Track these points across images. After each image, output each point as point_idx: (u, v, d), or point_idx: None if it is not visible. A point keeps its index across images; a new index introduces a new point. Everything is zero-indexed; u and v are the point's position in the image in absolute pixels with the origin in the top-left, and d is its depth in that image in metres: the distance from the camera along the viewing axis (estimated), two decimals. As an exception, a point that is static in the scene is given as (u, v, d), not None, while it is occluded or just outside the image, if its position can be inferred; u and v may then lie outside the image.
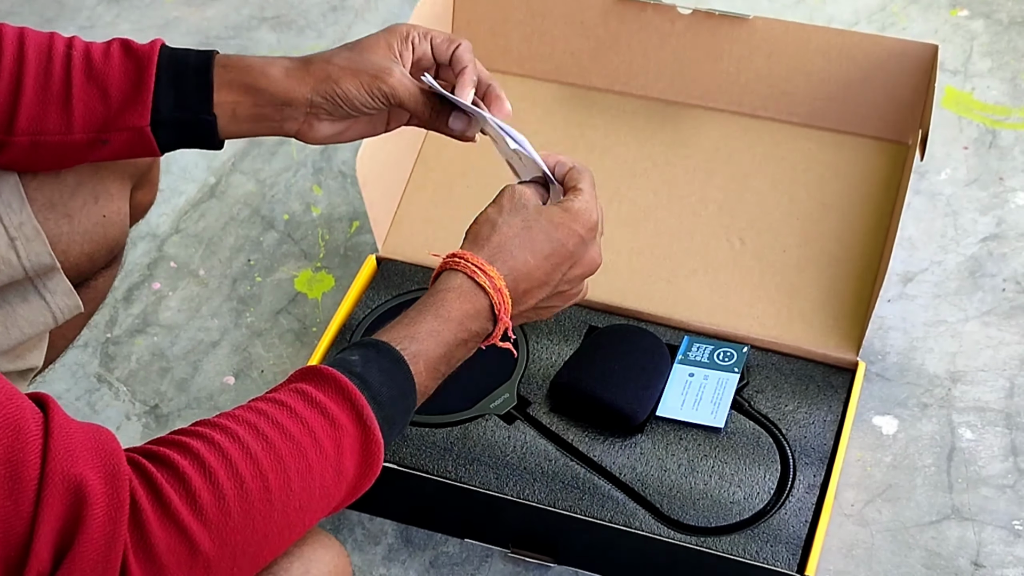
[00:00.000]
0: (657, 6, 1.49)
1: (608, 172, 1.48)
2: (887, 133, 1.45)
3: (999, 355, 1.41)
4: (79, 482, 0.70)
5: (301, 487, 0.78)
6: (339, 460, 0.80)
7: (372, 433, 0.82)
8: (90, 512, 0.70)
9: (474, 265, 0.92)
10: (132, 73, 0.99)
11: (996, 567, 1.25)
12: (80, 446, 0.72)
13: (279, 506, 0.77)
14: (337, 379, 0.82)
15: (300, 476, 0.78)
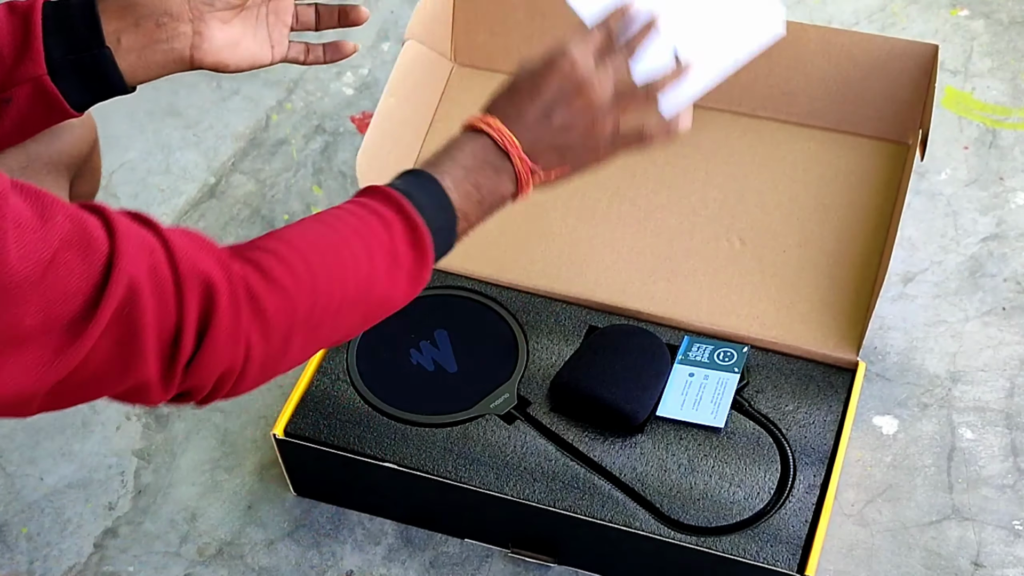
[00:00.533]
0: (657, 6, 1.48)
1: (608, 172, 1.48)
2: (887, 133, 1.45)
3: (999, 355, 1.41)
4: (206, 275, 0.83)
5: (363, 260, 0.91)
6: (392, 244, 0.92)
7: (416, 225, 0.93)
8: (218, 298, 0.83)
9: (476, 118, 1.01)
10: (19, 27, 1.00)
11: (996, 567, 1.25)
12: (193, 248, 0.84)
13: (349, 275, 0.90)
14: (385, 190, 0.94)
15: (362, 253, 0.91)
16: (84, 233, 0.78)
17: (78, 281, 0.77)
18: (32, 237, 0.75)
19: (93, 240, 0.78)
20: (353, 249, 0.91)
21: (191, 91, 1.80)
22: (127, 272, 0.79)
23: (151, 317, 0.81)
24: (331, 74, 1.81)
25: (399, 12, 1.89)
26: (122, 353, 0.80)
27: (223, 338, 0.84)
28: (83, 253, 0.77)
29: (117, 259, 0.79)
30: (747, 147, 1.47)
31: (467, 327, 1.38)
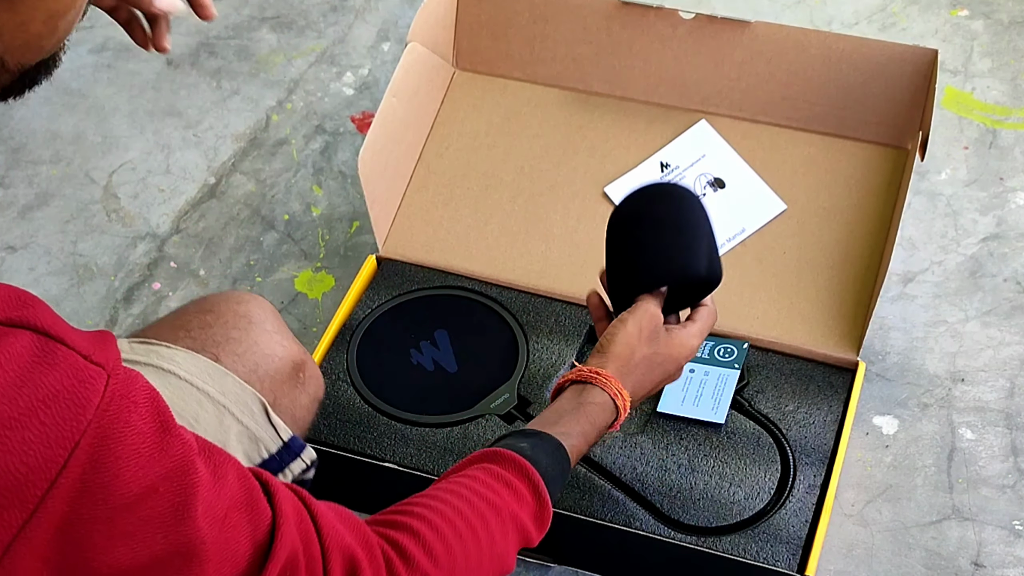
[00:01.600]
0: (659, 11, 1.49)
1: (609, 176, 1.49)
2: (887, 138, 1.45)
3: (999, 355, 1.41)
4: (350, 552, 0.83)
5: (500, 540, 0.94)
6: (521, 522, 0.96)
7: (544, 501, 0.98)
8: (361, 573, 0.84)
9: (616, 388, 1.08)
10: None
11: (996, 567, 1.25)
12: (337, 522, 0.84)
13: (486, 552, 0.92)
14: (517, 460, 0.98)
15: (499, 531, 0.94)
16: (251, 495, 0.78)
17: (246, 542, 0.77)
18: (209, 496, 0.74)
19: (258, 503, 0.79)
20: (490, 529, 0.93)
21: (191, 91, 1.80)
22: (289, 538, 0.79)
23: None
24: (331, 74, 1.81)
25: (399, 13, 1.89)
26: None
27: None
28: (249, 515, 0.78)
29: (280, 524, 0.79)
30: (747, 151, 1.47)
31: (467, 327, 1.38)
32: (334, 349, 1.37)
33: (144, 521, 0.70)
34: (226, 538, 0.75)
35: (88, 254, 1.61)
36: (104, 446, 0.67)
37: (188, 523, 0.72)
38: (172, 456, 0.72)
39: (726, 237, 1.41)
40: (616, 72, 1.53)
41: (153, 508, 0.71)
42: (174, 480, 0.72)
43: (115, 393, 0.68)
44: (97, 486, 0.67)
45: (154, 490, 0.70)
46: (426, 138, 1.53)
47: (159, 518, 0.71)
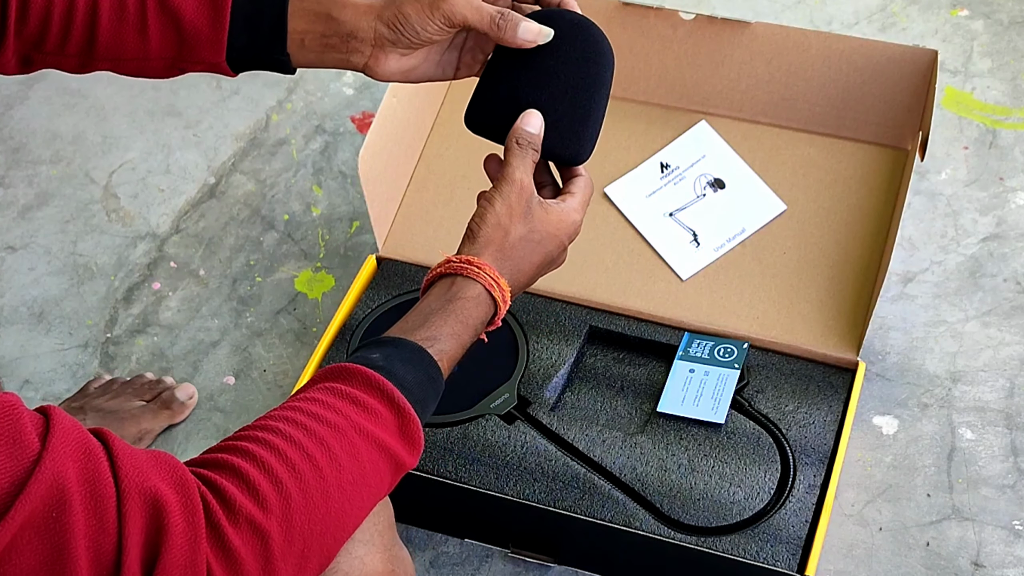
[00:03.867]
0: (659, 12, 1.49)
1: (609, 177, 1.49)
2: (886, 139, 1.45)
3: (999, 355, 1.41)
4: (154, 494, 0.73)
5: (350, 465, 0.81)
6: (380, 438, 0.83)
7: (407, 415, 0.85)
8: (170, 520, 0.73)
9: (491, 277, 0.96)
10: (207, 11, 1.01)
11: (996, 567, 1.25)
12: (145, 463, 0.74)
13: (333, 485, 0.80)
14: (363, 372, 0.85)
15: (347, 456, 0.81)
16: (15, 426, 0.70)
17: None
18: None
19: (23, 435, 0.70)
20: (335, 456, 0.81)
21: (191, 91, 1.80)
22: (52, 472, 0.70)
23: (81, 529, 0.71)
24: (331, 74, 1.81)
25: (399, 12, 1.89)
26: (51, 569, 0.70)
27: (176, 569, 0.73)
28: (9, 448, 0.69)
29: (43, 457, 0.70)
30: (747, 152, 1.47)
31: (467, 327, 1.38)
32: (334, 349, 1.37)
33: None
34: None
35: (88, 254, 1.61)
36: None
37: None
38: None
39: (726, 237, 1.41)
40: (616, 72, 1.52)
41: None
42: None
43: None
44: None
45: None
46: (426, 138, 1.53)
47: None
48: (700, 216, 1.44)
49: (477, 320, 0.96)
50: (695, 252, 1.41)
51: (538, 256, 1.00)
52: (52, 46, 1.02)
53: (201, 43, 1.02)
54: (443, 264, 0.97)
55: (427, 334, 0.92)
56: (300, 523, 0.79)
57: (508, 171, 1.00)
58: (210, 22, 1.02)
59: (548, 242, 1.00)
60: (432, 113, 1.55)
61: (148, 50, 1.02)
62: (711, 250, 1.41)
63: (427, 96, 1.53)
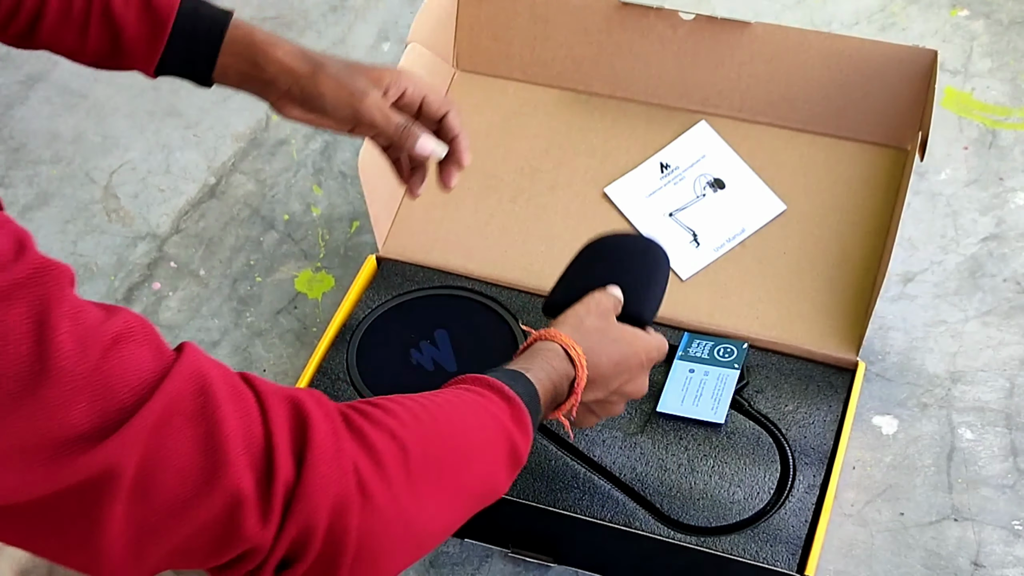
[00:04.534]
0: (659, 12, 1.49)
1: (609, 177, 1.49)
2: (886, 139, 1.45)
3: (999, 355, 1.42)
4: (292, 395, 0.77)
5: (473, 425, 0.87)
6: (494, 412, 0.88)
7: (515, 401, 0.90)
8: (311, 416, 0.76)
9: (566, 341, 1.02)
10: (147, 29, 1.11)
11: (996, 567, 1.25)
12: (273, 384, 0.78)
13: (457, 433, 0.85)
14: (473, 377, 0.92)
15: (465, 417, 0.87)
16: (151, 334, 0.73)
17: (142, 370, 0.70)
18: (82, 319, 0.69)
19: (161, 344, 0.73)
20: (464, 415, 0.87)
21: (191, 91, 1.80)
22: (193, 365, 0.73)
23: (229, 416, 0.73)
24: (331, 74, 1.81)
25: (399, 13, 1.89)
26: (205, 452, 0.71)
27: (325, 457, 0.75)
28: (149, 348, 0.72)
29: (183, 356, 0.73)
30: (747, 152, 1.47)
31: (467, 327, 1.38)
32: (334, 349, 1.37)
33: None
34: (110, 366, 0.69)
35: (88, 254, 1.62)
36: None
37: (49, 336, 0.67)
38: (27, 267, 0.67)
39: (726, 237, 1.41)
40: (616, 73, 1.53)
41: (6, 314, 0.66)
42: (28, 290, 0.67)
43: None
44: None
45: (7, 296, 0.66)
46: (426, 138, 1.53)
47: (12, 325, 0.66)
48: (700, 216, 1.44)
49: (561, 370, 1.00)
50: (695, 252, 1.41)
51: (615, 353, 1.05)
52: None
53: (135, 56, 1.12)
54: (530, 338, 1.04)
55: (519, 367, 0.97)
56: (433, 449, 0.82)
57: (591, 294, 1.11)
58: (148, 41, 1.11)
59: (624, 344, 1.07)
60: (432, 113, 1.55)
61: (85, 48, 1.12)
62: (711, 250, 1.41)
63: (427, 96, 1.53)
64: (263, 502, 0.73)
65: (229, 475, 0.71)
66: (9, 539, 0.71)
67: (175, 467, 0.70)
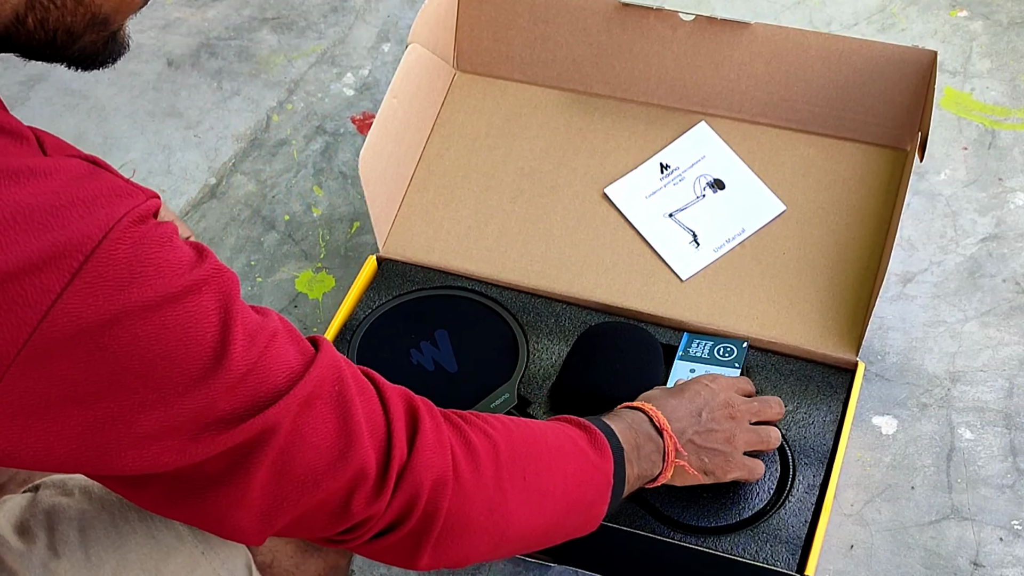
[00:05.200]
0: (659, 12, 1.49)
1: (609, 177, 1.49)
2: (886, 139, 1.45)
3: (998, 355, 1.42)
4: (405, 392, 0.90)
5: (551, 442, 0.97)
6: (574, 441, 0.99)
7: (595, 433, 1.01)
8: (420, 410, 0.89)
9: (639, 406, 1.11)
10: None
11: (995, 567, 1.25)
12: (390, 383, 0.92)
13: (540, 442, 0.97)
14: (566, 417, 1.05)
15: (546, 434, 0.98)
16: (294, 332, 0.84)
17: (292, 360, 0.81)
18: (251, 317, 0.79)
19: (301, 340, 0.84)
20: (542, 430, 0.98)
21: (192, 92, 1.80)
22: (330, 359, 0.84)
23: (360, 403, 0.85)
24: (332, 75, 1.81)
25: (400, 13, 1.89)
26: (340, 432, 0.83)
27: (430, 442, 0.88)
28: (293, 341, 0.83)
29: (322, 350, 0.84)
30: (747, 152, 1.48)
31: (467, 327, 1.38)
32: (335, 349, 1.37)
33: (191, 314, 0.74)
34: (268, 357, 0.79)
35: (89, 254, 1.62)
36: (142, 244, 0.72)
37: (230, 328, 0.76)
38: (207, 269, 0.76)
39: (725, 238, 1.42)
40: (616, 74, 1.53)
41: (198, 304, 0.75)
42: (214, 285, 0.76)
43: (149, 208, 0.74)
44: (137, 273, 0.72)
45: (197, 288, 0.75)
46: (426, 139, 1.54)
47: (204, 314, 0.75)
48: (700, 217, 1.44)
49: (639, 426, 1.08)
50: (695, 253, 1.41)
51: (687, 395, 1.14)
52: None
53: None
54: None
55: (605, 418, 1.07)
56: (520, 452, 0.94)
57: None
58: None
59: (694, 385, 1.16)
60: (433, 114, 1.55)
61: None
62: (711, 251, 1.41)
63: (428, 97, 1.53)
64: (380, 478, 0.85)
65: (358, 454, 0.83)
66: (149, 503, 0.80)
67: (314, 443, 0.81)
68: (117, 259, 0.71)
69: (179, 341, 0.74)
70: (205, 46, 1.88)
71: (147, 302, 0.72)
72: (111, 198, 0.73)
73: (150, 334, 0.72)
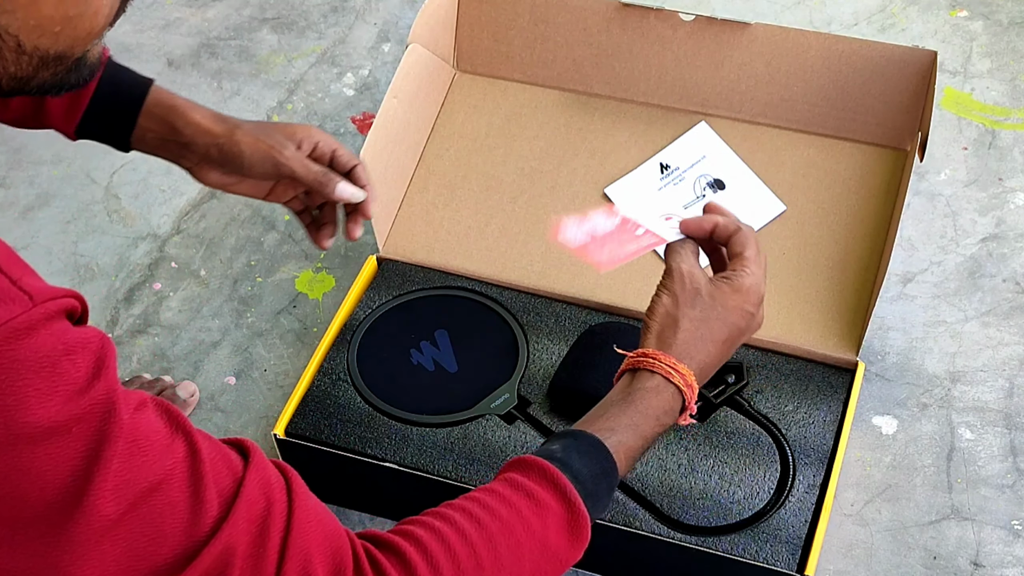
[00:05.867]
0: (659, 13, 1.49)
1: (609, 177, 1.49)
2: (886, 140, 1.45)
3: (998, 355, 1.42)
4: (309, 560, 0.78)
5: (511, 561, 0.86)
6: (545, 535, 0.87)
7: (576, 507, 0.89)
8: None
9: (667, 365, 0.97)
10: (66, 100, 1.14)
11: (996, 567, 1.25)
12: (314, 532, 0.79)
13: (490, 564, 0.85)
14: (540, 464, 0.89)
15: (510, 551, 0.86)
16: (199, 484, 0.74)
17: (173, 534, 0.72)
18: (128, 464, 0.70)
19: (206, 498, 0.74)
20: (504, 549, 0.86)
21: (192, 92, 1.80)
22: (226, 541, 0.74)
23: None
24: (332, 75, 1.81)
25: (400, 13, 1.89)
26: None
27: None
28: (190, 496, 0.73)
29: (223, 527, 0.74)
30: (747, 153, 1.48)
31: (467, 327, 1.38)
32: (335, 349, 1.37)
33: (50, 458, 0.67)
34: (139, 519, 0.70)
35: (89, 254, 1.62)
36: (8, 368, 0.65)
37: (92, 478, 0.67)
38: (89, 401, 0.67)
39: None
40: (616, 74, 1.53)
41: (61, 448, 0.67)
42: (88, 425, 0.68)
43: (32, 319, 0.65)
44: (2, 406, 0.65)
45: (64, 430, 0.67)
46: (427, 139, 1.54)
47: (64, 459, 0.67)
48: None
49: (659, 409, 0.96)
50: None
51: (721, 332, 1.00)
52: None
53: (56, 118, 1.15)
54: (626, 361, 1.00)
55: (605, 425, 0.95)
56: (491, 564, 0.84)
57: (668, 265, 1.04)
58: (68, 105, 1.14)
59: (729, 315, 1.00)
60: (432, 114, 1.55)
61: (7, 109, 1.13)
62: None
63: (428, 97, 1.53)
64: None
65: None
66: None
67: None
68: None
69: (32, 484, 0.66)
70: (205, 46, 1.88)
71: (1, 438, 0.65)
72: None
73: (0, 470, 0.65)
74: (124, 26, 1.91)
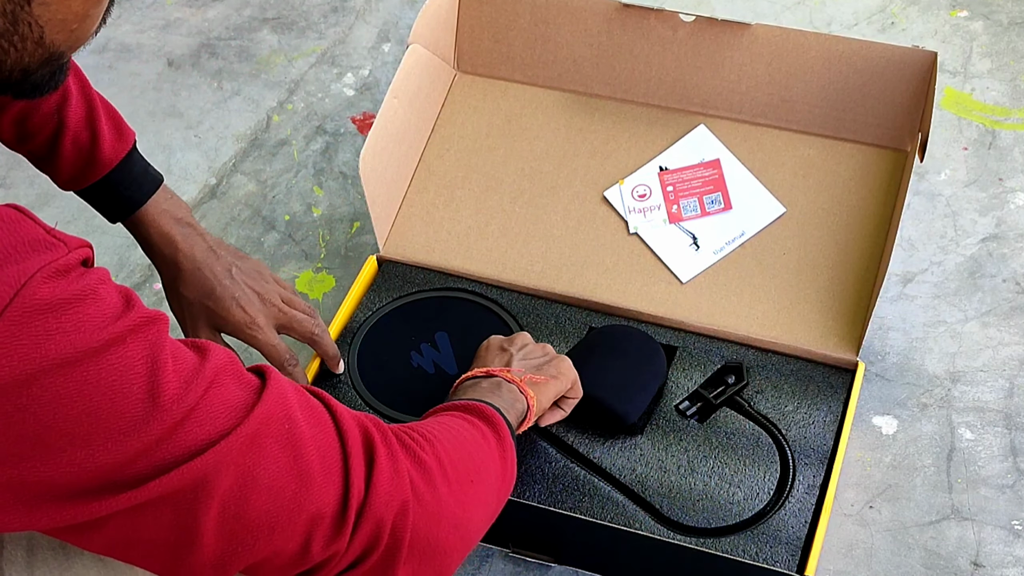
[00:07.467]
0: (660, 13, 1.49)
1: (610, 178, 1.49)
2: (886, 140, 1.45)
3: (999, 355, 1.42)
4: (360, 421, 0.88)
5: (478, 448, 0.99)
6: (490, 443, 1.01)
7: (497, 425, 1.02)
8: (375, 440, 0.87)
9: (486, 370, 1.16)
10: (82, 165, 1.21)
11: (996, 567, 1.25)
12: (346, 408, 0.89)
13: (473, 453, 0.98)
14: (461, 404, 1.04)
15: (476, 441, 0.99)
16: (237, 368, 0.82)
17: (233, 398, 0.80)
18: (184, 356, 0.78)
19: (244, 374, 0.82)
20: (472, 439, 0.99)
21: (192, 92, 1.80)
22: (280, 391, 0.82)
23: (313, 440, 0.83)
24: (332, 75, 1.81)
25: (400, 14, 1.89)
26: (293, 474, 0.81)
27: (388, 474, 0.86)
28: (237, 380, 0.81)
29: (269, 383, 0.82)
30: (747, 153, 1.48)
31: (467, 329, 1.38)
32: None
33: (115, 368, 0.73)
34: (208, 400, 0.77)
35: (89, 255, 1.62)
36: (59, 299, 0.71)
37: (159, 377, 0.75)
38: (133, 319, 0.75)
39: (725, 240, 1.42)
40: (616, 75, 1.53)
41: (122, 357, 0.74)
42: (141, 335, 0.75)
43: (71, 261, 0.73)
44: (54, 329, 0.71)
45: (120, 340, 0.74)
46: (427, 139, 1.54)
47: (129, 366, 0.74)
48: (700, 219, 1.44)
49: (500, 387, 1.12)
50: (695, 255, 1.41)
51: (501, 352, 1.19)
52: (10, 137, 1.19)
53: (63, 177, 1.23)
54: None
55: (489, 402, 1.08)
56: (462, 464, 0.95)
57: None
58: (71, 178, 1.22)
59: (486, 348, 1.21)
60: (433, 114, 1.55)
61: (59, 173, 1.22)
62: (710, 253, 1.41)
63: (428, 97, 1.53)
64: (339, 518, 0.83)
65: (314, 495, 0.81)
66: (99, 548, 0.79)
67: (266, 485, 0.79)
68: (31, 316, 0.69)
69: (104, 396, 0.72)
70: (205, 46, 1.88)
71: (66, 358, 0.70)
72: (24, 252, 0.71)
73: (72, 391, 0.71)
74: (124, 26, 1.91)
